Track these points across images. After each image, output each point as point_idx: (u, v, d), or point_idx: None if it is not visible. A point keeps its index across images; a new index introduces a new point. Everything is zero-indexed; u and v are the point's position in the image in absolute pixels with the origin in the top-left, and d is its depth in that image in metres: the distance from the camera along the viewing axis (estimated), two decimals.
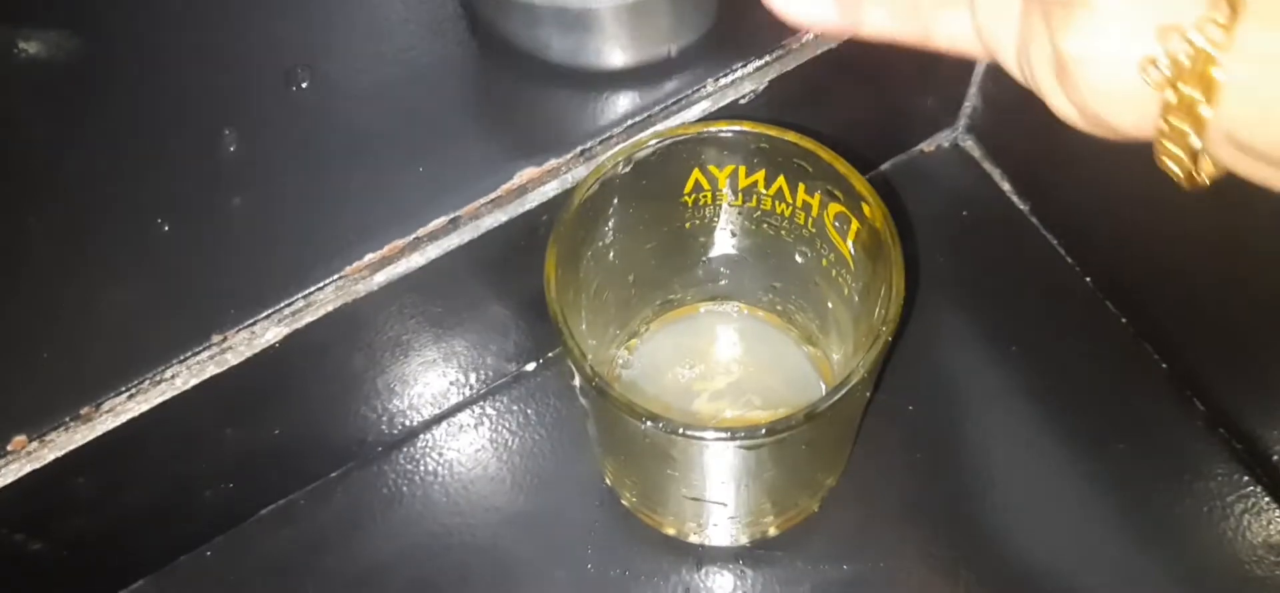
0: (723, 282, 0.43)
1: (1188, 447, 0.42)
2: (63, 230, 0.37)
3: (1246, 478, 0.41)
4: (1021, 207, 0.48)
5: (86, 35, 0.43)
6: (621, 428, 0.35)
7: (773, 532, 0.42)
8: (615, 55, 0.39)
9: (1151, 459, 0.42)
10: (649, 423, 0.31)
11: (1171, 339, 0.43)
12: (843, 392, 0.32)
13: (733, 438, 0.32)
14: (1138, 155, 0.41)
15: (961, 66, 0.46)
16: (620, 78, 0.40)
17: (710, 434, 0.32)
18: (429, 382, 0.43)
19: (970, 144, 0.50)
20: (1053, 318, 0.45)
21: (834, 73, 0.40)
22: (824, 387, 0.42)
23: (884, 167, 0.49)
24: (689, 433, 0.32)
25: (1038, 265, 0.47)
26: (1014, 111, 0.46)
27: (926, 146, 0.49)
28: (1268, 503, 0.40)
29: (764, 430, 0.32)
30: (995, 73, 0.46)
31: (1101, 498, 0.41)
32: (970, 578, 0.40)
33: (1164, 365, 0.43)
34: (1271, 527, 0.40)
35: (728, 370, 0.43)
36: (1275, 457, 0.40)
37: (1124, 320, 0.45)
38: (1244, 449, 0.41)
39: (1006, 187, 0.48)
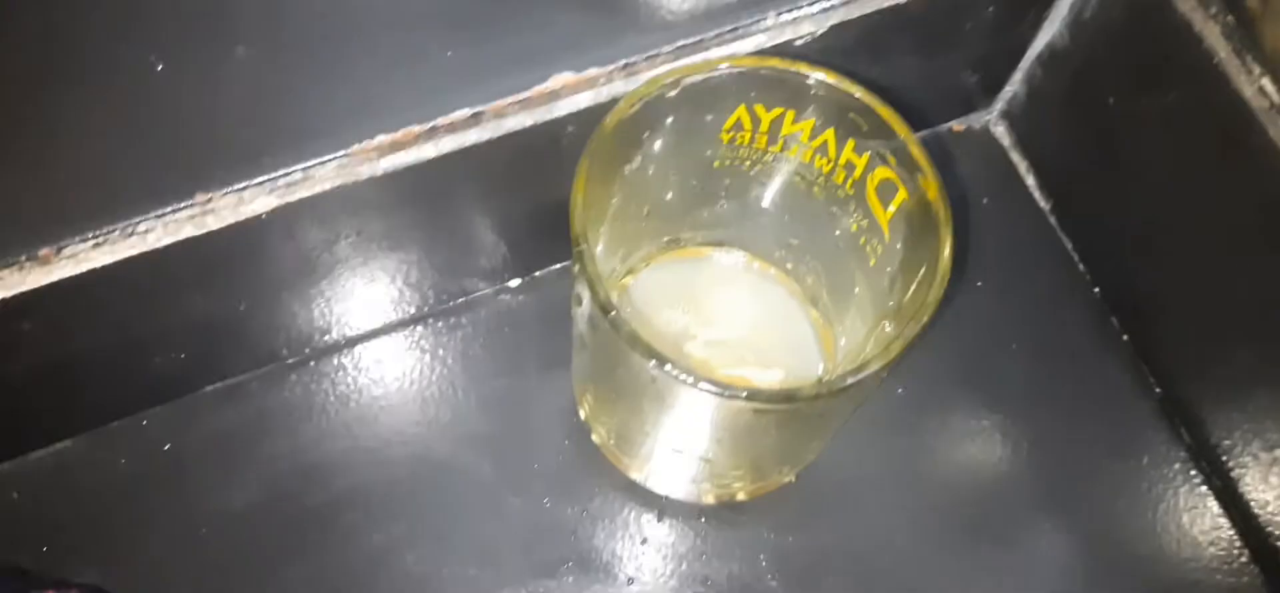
0: (737, 228, 0.40)
1: (1167, 476, 0.41)
2: (44, 48, 0.33)
3: (1222, 521, 0.40)
4: (1042, 204, 0.46)
5: None
6: (622, 364, 0.33)
7: (741, 497, 0.40)
8: None
9: (1132, 481, 0.41)
10: (659, 365, 0.29)
11: (1170, 367, 0.42)
12: (871, 370, 0.30)
13: (748, 398, 0.30)
14: (1172, 180, 0.40)
15: (1017, 47, 0.44)
16: None
17: (727, 391, 0.30)
18: (409, 281, 0.41)
19: (1002, 131, 0.48)
20: (1056, 322, 0.44)
21: (894, 30, 0.38)
22: (821, 357, 0.40)
23: None
24: (703, 386, 0.30)
25: (1049, 266, 0.45)
26: (1054, 105, 0.45)
27: (956, 125, 0.48)
28: (1239, 550, 0.40)
29: (785, 396, 0.30)
30: (1045, 60, 0.44)
31: (1078, 512, 0.41)
32: (940, 565, 0.39)
33: (1158, 391, 0.43)
34: (1244, 578, 0.40)
35: (726, 322, 0.41)
36: (1253, 508, 0.40)
37: (1126, 338, 0.44)
38: (1222, 488, 0.41)
39: (1031, 181, 0.47)
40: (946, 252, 0.31)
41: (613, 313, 0.30)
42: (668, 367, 0.29)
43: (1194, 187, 0.39)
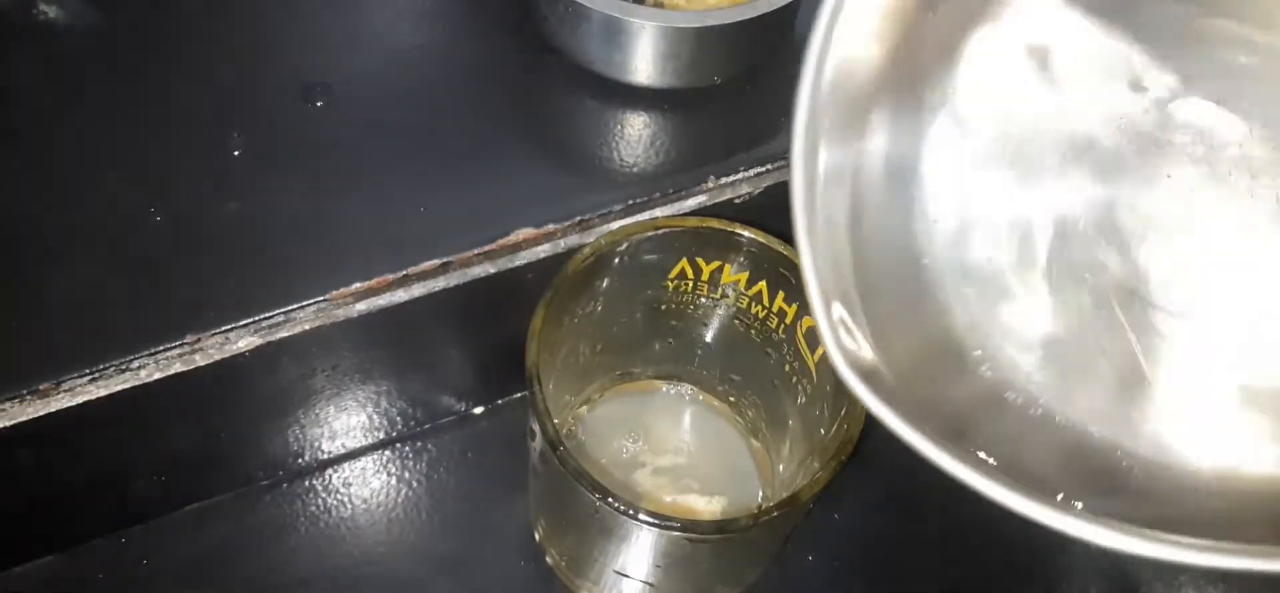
0: (683, 364, 0.44)
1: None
2: (51, 202, 0.36)
3: None
4: None
5: (109, 10, 0.42)
6: (571, 495, 0.36)
7: None
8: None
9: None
10: (602, 498, 0.32)
11: None
12: (791, 506, 0.33)
13: (681, 530, 0.33)
14: None
15: None
16: (629, 156, 0.41)
17: (659, 522, 0.33)
18: (379, 408, 0.43)
19: None
20: None
21: None
22: (760, 484, 0.43)
23: None
24: (641, 517, 0.32)
25: None
26: None
27: None
28: None
29: (717, 528, 0.33)
30: None
31: None
32: None
33: None
34: None
35: (673, 451, 0.44)
36: None
37: None
38: None
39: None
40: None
41: (561, 449, 0.33)
42: (610, 500, 0.32)
43: None
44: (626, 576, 0.39)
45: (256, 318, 0.35)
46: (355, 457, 0.45)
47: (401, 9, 0.45)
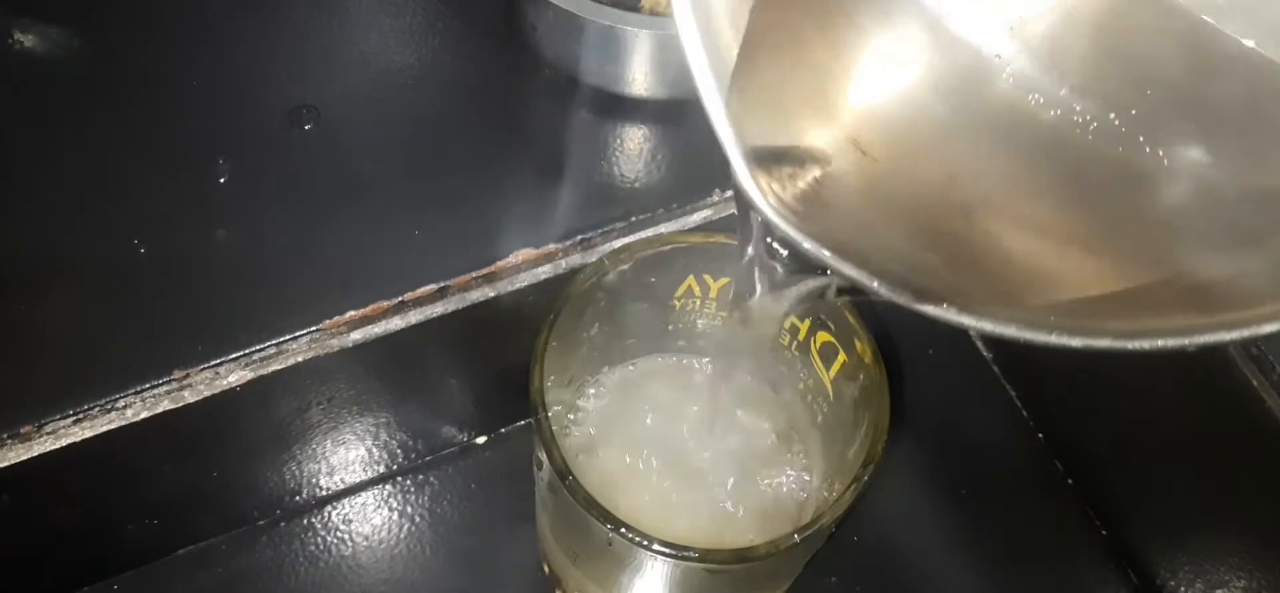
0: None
1: None
2: (32, 238, 0.35)
3: None
4: (985, 354, 0.49)
5: (91, 38, 0.42)
6: (580, 525, 0.34)
7: None
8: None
9: None
10: (614, 528, 0.31)
11: (1113, 508, 0.44)
12: (817, 526, 0.31)
13: (700, 559, 0.32)
14: None
15: None
16: (629, 170, 0.40)
17: (676, 552, 0.31)
18: (378, 441, 0.42)
19: None
20: (1003, 468, 0.46)
21: None
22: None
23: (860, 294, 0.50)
24: (655, 547, 0.31)
25: (994, 414, 0.47)
26: None
27: None
28: None
29: (737, 557, 0.32)
30: None
31: None
32: None
33: (1104, 533, 0.44)
34: None
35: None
36: None
37: (1070, 482, 0.45)
38: None
39: (974, 332, 0.49)
40: (882, 414, 0.33)
41: (569, 478, 0.31)
42: (623, 530, 0.30)
43: None
44: None
45: (247, 351, 0.34)
46: (355, 492, 0.43)
47: (387, 28, 0.44)
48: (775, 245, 0.24)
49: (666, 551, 0.31)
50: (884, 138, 0.24)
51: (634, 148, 0.41)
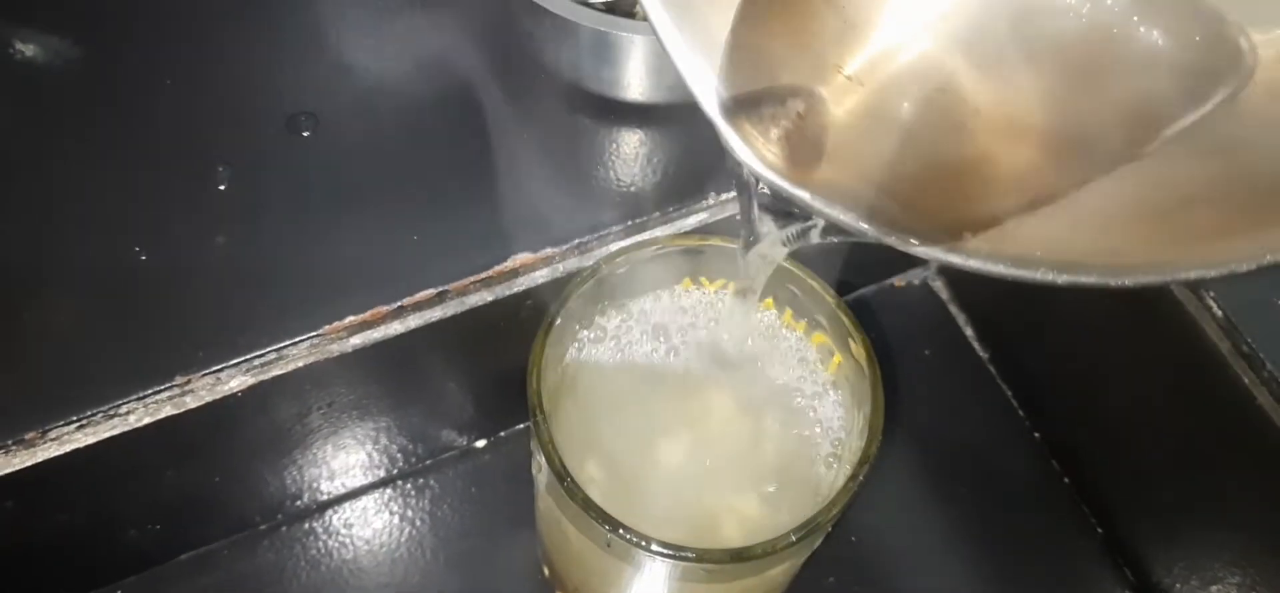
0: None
1: None
2: (34, 245, 0.35)
3: None
4: (981, 353, 0.49)
5: (91, 46, 0.42)
6: (579, 527, 0.35)
7: None
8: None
9: None
10: (613, 530, 0.31)
11: (1109, 506, 0.44)
12: (815, 525, 0.32)
13: (697, 558, 0.32)
14: (1103, 334, 0.43)
15: None
16: (625, 175, 0.40)
17: (674, 552, 0.32)
18: (379, 445, 0.42)
19: (940, 285, 0.51)
20: (999, 466, 0.46)
21: None
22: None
23: (855, 293, 0.50)
24: (654, 548, 0.31)
25: (990, 412, 0.48)
26: None
27: (898, 280, 0.51)
28: None
29: (735, 556, 0.32)
30: None
31: None
32: None
33: (1100, 530, 0.45)
34: None
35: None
36: None
37: (1066, 480, 0.46)
38: None
39: (969, 331, 0.49)
40: (876, 413, 0.33)
41: (567, 480, 0.32)
42: (622, 532, 0.31)
43: (1122, 341, 0.42)
44: None
45: (248, 356, 0.34)
46: (355, 496, 0.44)
47: (384, 35, 0.44)
48: (763, 186, 0.24)
49: (664, 551, 0.31)
50: (871, 61, 0.24)
51: (630, 152, 0.41)
